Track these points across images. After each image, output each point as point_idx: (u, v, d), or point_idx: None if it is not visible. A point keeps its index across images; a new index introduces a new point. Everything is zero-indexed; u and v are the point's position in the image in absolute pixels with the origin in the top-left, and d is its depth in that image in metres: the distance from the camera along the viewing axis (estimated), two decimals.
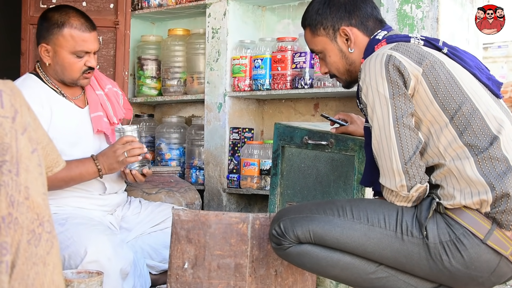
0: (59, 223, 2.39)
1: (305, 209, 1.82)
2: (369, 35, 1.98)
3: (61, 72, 2.52)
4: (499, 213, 1.67)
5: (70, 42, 2.46)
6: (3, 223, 1.18)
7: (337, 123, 2.40)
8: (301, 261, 1.82)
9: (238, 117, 3.70)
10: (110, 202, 2.63)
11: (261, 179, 3.50)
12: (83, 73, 2.51)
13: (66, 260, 2.27)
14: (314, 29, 2.03)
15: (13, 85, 1.28)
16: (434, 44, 1.87)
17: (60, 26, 2.47)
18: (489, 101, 1.78)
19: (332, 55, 2.02)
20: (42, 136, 1.34)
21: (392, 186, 1.74)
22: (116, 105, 2.70)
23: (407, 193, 1.73)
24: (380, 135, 1.76)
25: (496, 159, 1.68)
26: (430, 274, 1.75)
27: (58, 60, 2.50)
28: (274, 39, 3.54)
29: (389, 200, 1.78)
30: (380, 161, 1.77)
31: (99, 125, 2.57)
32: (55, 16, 2.49)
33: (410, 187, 1.72)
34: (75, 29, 2.47)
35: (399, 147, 1.73)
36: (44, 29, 2.51)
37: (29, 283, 1.21)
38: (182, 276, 2.04)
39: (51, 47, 2.49)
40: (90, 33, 2.50)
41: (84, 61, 2.50)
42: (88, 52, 2.50)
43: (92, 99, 2.62)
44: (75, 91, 2.61)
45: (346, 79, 2.06)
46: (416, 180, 1.72)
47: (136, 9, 4.05)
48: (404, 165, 1.72)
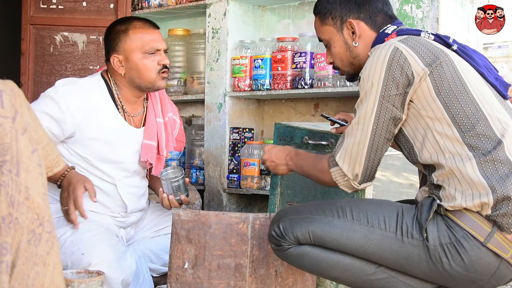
0: (68, 224, 2.40)
1: (305, 210, 1.82)
2: (377, 30, 1.98)
3: (137, 77, 2.48)
4: (500, 216, 1.66)
5: (138, 42, 2.46)
6: (3, 223, 1.18)
7: (337, 123, 2.40)
8: (301, 262, 1.82)
9: (238, 117, 3.70)
10: (127, 220, 2.63)
11: (261, 179, 3.50)
12: (159, 73, 2.49)
13: (69, 267, 2.28)
14: (323, 18, 2.04)
15: (13, 85, 1.28)
16: (444, 40, 1.87)
17: (124, 31, 2.47)
18: (494, 103, 1.77)
19: (337, 46, 2.02)
20: (42, 136, 1.34)
21: (349, 173, 1.82)
22: (170, 137, 2.67)
23: (358, 185, 1.83)
24: (358, 126, 1.81)
25: (500, 162, 1.67)
26: (430, 276, 1.74)
27: (132, 65, 2.47)
28: (274, 39, 3.54)
29: (335, 179, 1.85)
30: (347, 143, 1.83)
31: (148, 155, 2.55)
32: (117, 26, 2.51)
33: (362, 182, 1.82)
34: (139, 29, 2.48)
35: (369, 146, 1.80)
36: (110, 41, 2.50)
37: (29, 283, 1.21)
38: (182, 276, 2.04)
39: (122, 56, 2.47)
40: (155, 31, 2.51)
41: (157, 60, 2.48)
42: (158, 50, 2.49)
43: (150, 124, 2.58)
44: (137, 107, 2.58)
45: (349, 71, 2.05)
46: (370, 177, 1.83)
47: (136, 9, 4.05)
48: (367, 162, 1.80)
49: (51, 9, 3.82)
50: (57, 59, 3.81)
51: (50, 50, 3.82)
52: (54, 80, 3.78)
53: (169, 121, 2.68)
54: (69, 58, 3.80)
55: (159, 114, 2.62)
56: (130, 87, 2.51)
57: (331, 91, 3.23)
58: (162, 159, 2.63)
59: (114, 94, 2.51)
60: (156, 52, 2.48)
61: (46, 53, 3.82)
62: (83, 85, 2.46)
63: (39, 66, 3.82)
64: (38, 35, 3.83)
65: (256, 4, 3.77)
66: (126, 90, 2.51)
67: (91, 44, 3.80)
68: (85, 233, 2.37)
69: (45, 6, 3.81)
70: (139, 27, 2.48)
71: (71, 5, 3.81)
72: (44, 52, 3.82)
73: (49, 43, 3.82)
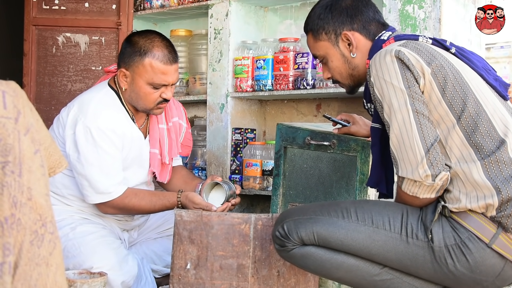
0: (70, 227, 2.40)
1: (309, 211, 1.81)
2: (372, 38, 1.98)
3: (135, 100, 2.46)
4: (505, 217, 1.66)
5: (150, 72, 2.40)
6: (6, 224, 1.18)
7: (340, 124, 2.40)
8: (305, 263, 1.81)
9: (240, 118, 3.70)
10: (131, 223, 2.64)
11: (264, 180, 3.49)
12: (157, 104, 2.46)
13: (70, 270, 2.28)
14: (316, 34, 2.03)
15: (16, 86, 1.28)
16: (442, 44, 1.87)
17: (142, 54, 2.39)
18: (496, 103, 1.77)
19: (335, 60, 2.02)
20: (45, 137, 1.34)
21: (416, 176, 1.69)
22: (174, 143, 2.64)
23: (432, 182, 1.69)
24: (399, 127, 1.72)
25: (503, 163, 1.67)
26: (434, 277, 1.74)
27: (135, 88, 2.43)
28: (276, 40, 3.54)
29: (411, 192, 1.73)
30: (401, 153, 1.72)
31: (153, 163, 2.56)
32: (140, 42, 2.42)
33: (435, 175, 1.68)
34: (156, 60, 2.39)
35: (421, 137, 1.70)
36: (126, 54, 2.44)
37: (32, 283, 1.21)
38: (184, 276, 2.04)
39: (129, 74, 2.43)
40: (171, 66, 2.42)
41: (160, 93, 2.43)
42: (166, 85, 2.44)
43: (153, 133, 2.58)
44: (141, 118, 2.57)
45: (349, 84, 2.05)
46: (440, 168, 1.69)
47: (138, 10, 4.05)
48: (428, 153, 1.69)
49: (54, 10, 3.82)
50: (59, 60, 3.82)
51: (53, 51, 3.82)
52: (57, 81, 3.81)
53: (174, 126, 2.66)
54: (72, 59, 3.81)
55: (162, 120, 2.61)
56: (129, 101, 2.50)
57: (333, 91, 3.23)
58: (166, 165, 2.62)
59: (126, 106, 2.51)
60: (162, 87, 2.43)
61: (48, 54, 3.82)
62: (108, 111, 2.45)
63: (42, 67, 3.83)
64: (41, 36, 3.83)
65: (258, 5, 3.77)
66: (127, 102, 2.51)
67: (94, 45, 3.80)
68: (87, 236, 2.37)
69: (48, 7, 3.82)
70: (157, 59, 2.39)
71: (74, 6, 3.82)
72: (47, 53, 3.82)
73: (52, 44, 3.82)
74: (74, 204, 2.48)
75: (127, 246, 2.61)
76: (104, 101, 2.45)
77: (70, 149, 2.36)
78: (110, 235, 2.48)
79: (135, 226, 2.67)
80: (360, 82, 2.05)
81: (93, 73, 3.79)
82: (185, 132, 2.78)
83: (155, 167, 2.56)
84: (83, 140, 2.34)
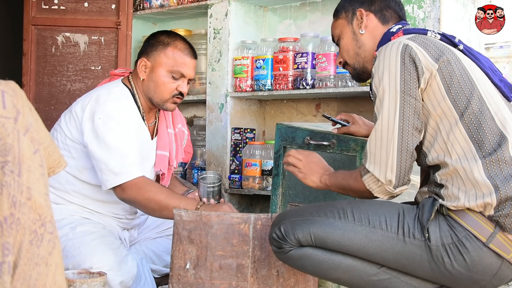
0: (70, 226, 2.40)
1: (306, 212, 1.81)
2: (384, 24, 2.00)
3: (153, 90, 2.49)
4: (503, 216, 1.66)
5: (171, 60, 2.47)
6: (5, 223, 1.18)
7: (339, 124, 2.40)
8: (302, 264, 1.81)
9: (239, 118, 3.70)
10: (131, 222, 2.64)
11: (263, 180, 3.50)
12: (172, 97, 2.50)
13: (70, 270, 2.28)
14: (337, 14, 2.08)
15: (15, 86, 1.28)
16: (450, 40, 1.87)
17: (165, 44, 2.49)
18: (499, 103, 1.77)
19: (345, 37, 2.05)
20: (44, 137, 1.34)
21: (381, 177, 1.75)
22: (180, 148, 2.69)
23: (392, 190, 1.75)
24: (382, 126, 1.75)
25: (504, 162, 1.67)
26: (431, 276, 1.74)
27: (153, 77, 2.48)
28: (276, 40, 3.54)
29: (369, 186, 1.78)
30: (375, 150, 1.76)
31: (162, 165, 2.57)
32: (163, 36, 2.53)
33: (396, 185, 1.75)
34: (178, 50, 2.49)
35: (399, 143, 1.73)
36: (148, 46, 2.53)
37: (31, 283, 1.21)
38: (184, 276, 2.04)
39: (150, 63, 2.49)
40: (191, 59, 2.52)
41: (177, 85, 2.49)
42: (184, 77, 2.50)
43: (162, 136, 2.61)
44: (151, 117, 2.60)
45: (354, 65, 2.05)
46: (405, 180, 1.75)
47: (138, 9, 4.05)
48: (399, 163, 1.73)
49: (53, 9, 3.83)
50: (58, 59, 3.82)
51: (52, 50, 3.82)
52: (56, 80, 3.81)
53: (179, 132, 2.70)
54: (71, 58, 3.81)
55: (170, 125, 2.65)
56: (145, 93, 2.52)
57: (332, 91, 3.23)
58: (171, 169, 2.65)
59: (138, 103, 2.52)
60: (180, 78, 2.49)
61: (47, 54, 3.82)
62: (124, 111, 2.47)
63: (41, 67, 3.83)
64: (40, 35, 3.83)
65: (257, 5, 3.77)
66: (142, 98, 2.53)
67: (93, 44, 3.80)
68: (86, 236, 2.37)
69: (47, 6, 3.82)
70: (179, 49, 2.49)
71: (73, 5, 3.82)
72: (46, 53, 3.82)
73: (51, 44, 3.82)
74: (76, 201, 2.48)
75: (127, 245, 2.61)
76: (120, 93, 2.49)
77: (88, 138, 2.38)
78: (110, 235, 2.48)
79: (136, 225, 2.67)
80: (364, 68, 2.04)
81: (93, 73, 3.79)
82: (187, 138, 2.83)
83: (164, 169, 2.57)
84: (101, 125, 2.37)
